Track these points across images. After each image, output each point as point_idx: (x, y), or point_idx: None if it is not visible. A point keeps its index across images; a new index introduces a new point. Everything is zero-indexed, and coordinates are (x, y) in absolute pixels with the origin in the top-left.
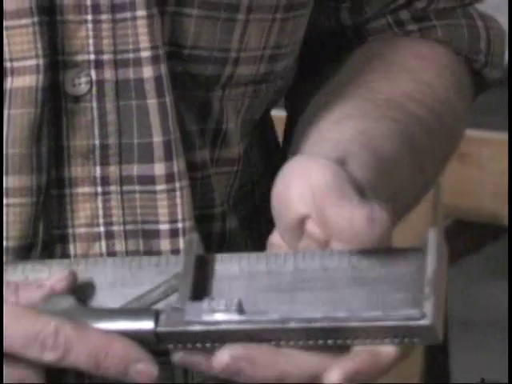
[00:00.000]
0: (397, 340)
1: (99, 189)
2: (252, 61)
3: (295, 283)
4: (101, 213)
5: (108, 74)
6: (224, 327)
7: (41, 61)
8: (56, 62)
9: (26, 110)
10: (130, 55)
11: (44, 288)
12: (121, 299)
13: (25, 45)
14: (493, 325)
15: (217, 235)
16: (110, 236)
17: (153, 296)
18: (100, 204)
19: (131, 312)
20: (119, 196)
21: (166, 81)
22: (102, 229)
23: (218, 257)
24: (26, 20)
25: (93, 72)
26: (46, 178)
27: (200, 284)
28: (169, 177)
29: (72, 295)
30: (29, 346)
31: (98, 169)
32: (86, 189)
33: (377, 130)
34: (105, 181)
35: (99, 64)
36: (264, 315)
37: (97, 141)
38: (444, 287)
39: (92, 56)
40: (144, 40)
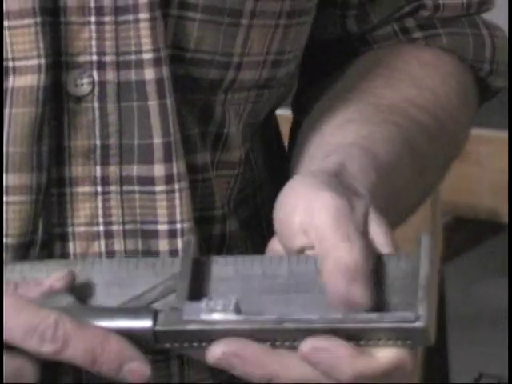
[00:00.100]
0: (391, 342)
1: (99, 188)
2: (255, 66)
3: (290, 286)
4: (100, 212)
5: (110, 76)
6: (221, 327)
7: (42, 61)
8: (59, 63)
9: (27, 109)
10: (132, 57)
11: (43, 286)
12: (118, 299)
13: (27, 44)
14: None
15: (217, 237)
16: (109, 235)
17: (150, 296)
18: (100, 203)
19: (130, 311)
20: (119, 196)
21: (168, 83)
22: (102, 228)
23: (214, 259)
24: (29, 20)
25: (95, 73)
26: (47, 177)
27: (197, 285)
28: (168, 178)
29: (71, 294)
30: (28, 337)
31: (99, 169)
32: (86, 188)
33: (378, 135)
34: (105, 181)
35: (101, 65)
36: (261, 316)
37: (98, 141)
38: (436, 291)
39: (94, 57)
40: (146, 42)
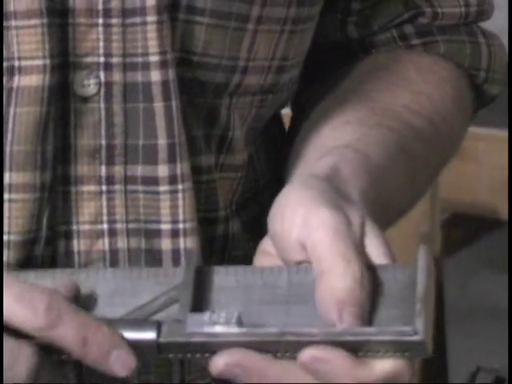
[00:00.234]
0: (389, 354)
1: (104, 187)
2: (260, 71)
3: (289, 296)
4: (105, 211)
5: (116, 77)
6: (224, 339)
7: (48, 61)
8: (66, 63)
9: (32, 109)
10: (139, 59)
11: None
12: (122, 309)
13: (33, 45)
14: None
15: (220, 238)
16: (113, 233)
17: (153, 306)
18: (104, 202)
19: (134, 322)
20: (123, 195)
21: (174, 85)
22: (106, 226)
23: (216, 269)
24: (35, 20)
25: (102, 74)
26: (51, 176)
27: (199, 295)
28: (172, 178)
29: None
30: (21, 307)
31: (104, 168)
32: (91, 187)
33: (372, 138)
34: (110, 180)
35: (108, 66)
36: (262, 328)
37: (103, 141)
38: (433, 302)
39: (102, 58)
40: (153, 45)
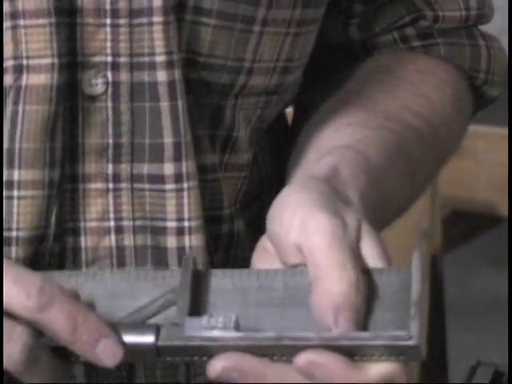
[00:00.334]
0: (384, 357)
1: (111, 185)
2: (265, 72)
3: (285, 299)
4: (111, 208)
5: (124, 76)
6: (222, 343)
7: (56, 60)
8: (74, 62)
9: (41, 107)
10: (146, 59)
11: None
12: (120, 311)
13: (41, 44)
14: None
15: (225, 236)
16: (120, 231)
17: (151, 309)
18: (111, 200)
19: (133, 326)
20: (129, 193)
21: (180, 85)
22: (112, 223)
23: (213, 272)
24: (44, 20)
25: (109, 73)
26: (59, 173)
27: (196, 298)
28: (177, 177)
29: None
30: (17, 287)
31: (111, 166)
32: (99, 185)
33: (372, 139)
34: (116, 178)
35: (116, 66)
36: (260, 333)
37: (110, 139)
38: (427, 305)
39: (109, 58)
40: (159, 45)
